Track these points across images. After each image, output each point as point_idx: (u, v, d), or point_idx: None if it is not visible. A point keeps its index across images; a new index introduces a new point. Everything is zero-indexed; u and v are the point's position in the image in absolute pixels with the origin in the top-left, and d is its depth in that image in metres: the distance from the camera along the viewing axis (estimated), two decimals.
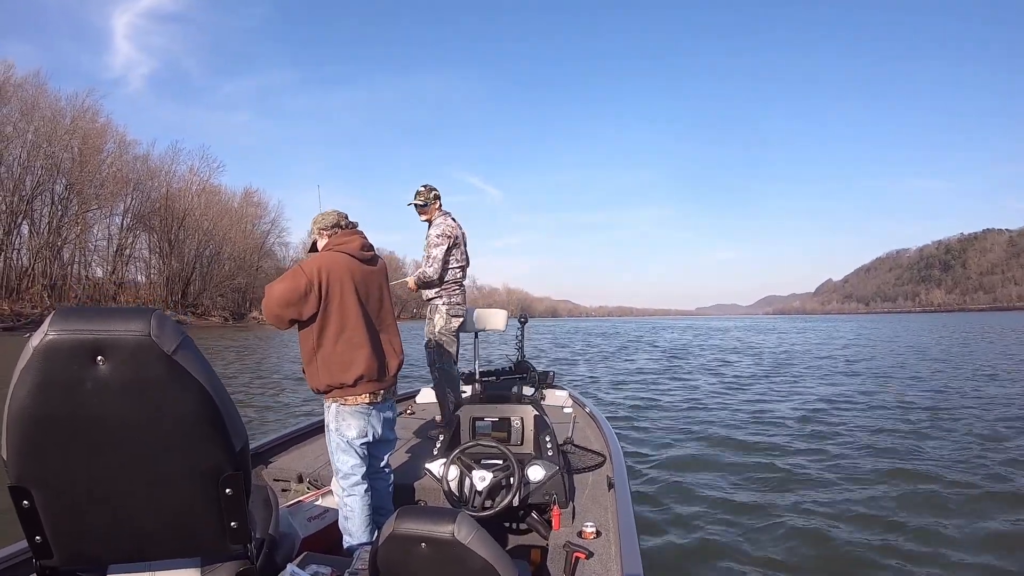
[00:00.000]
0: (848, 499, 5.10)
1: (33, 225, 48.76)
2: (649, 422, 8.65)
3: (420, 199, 4.60)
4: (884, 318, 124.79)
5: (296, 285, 2.68)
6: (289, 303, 2.69)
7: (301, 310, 2.70)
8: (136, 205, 57.01)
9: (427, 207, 4.60)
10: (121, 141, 56.38)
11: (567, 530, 2.86)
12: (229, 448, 1.37)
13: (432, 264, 4.47)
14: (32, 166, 47.66)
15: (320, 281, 2.70)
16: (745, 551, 4.13)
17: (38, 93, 49.12)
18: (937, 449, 6.70)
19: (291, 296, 2.68)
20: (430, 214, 4.61)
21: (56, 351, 1.17)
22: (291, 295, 2.68)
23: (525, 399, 3.58)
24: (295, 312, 2.70)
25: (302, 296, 2.68)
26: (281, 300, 2.68)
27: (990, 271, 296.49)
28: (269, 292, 2.72)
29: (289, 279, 2.71)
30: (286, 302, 2.69)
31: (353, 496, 2.82)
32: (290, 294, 2.68)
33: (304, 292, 2.68)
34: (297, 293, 2.68)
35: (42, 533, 1.33)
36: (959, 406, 9.45)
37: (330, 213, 3.04)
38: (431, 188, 4.60)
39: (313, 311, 2.72)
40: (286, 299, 2.68)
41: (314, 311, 2.72)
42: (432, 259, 4.47)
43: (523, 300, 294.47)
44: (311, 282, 2.69)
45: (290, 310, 2.70)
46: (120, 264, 55.67)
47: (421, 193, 4.60)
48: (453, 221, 4.61)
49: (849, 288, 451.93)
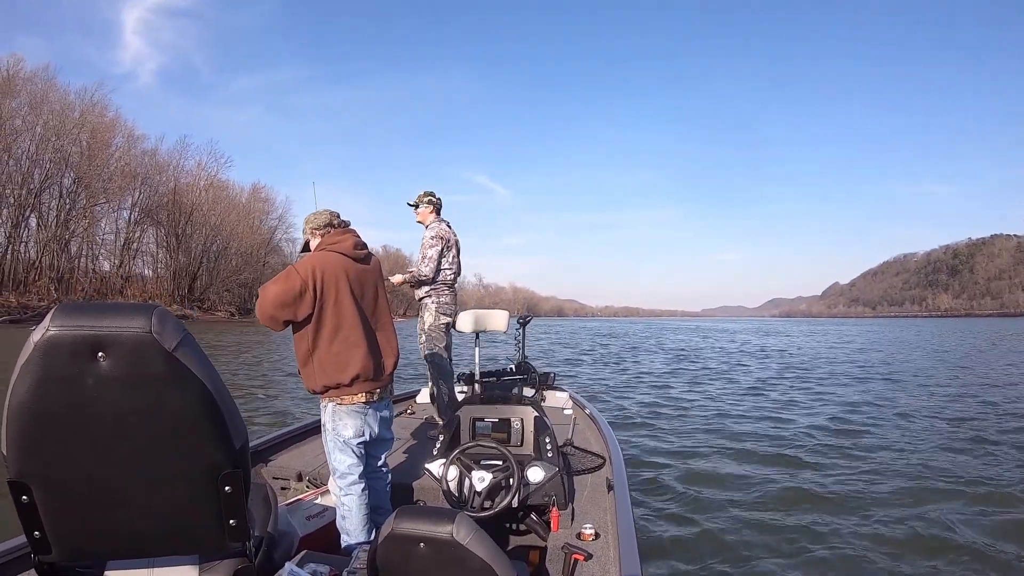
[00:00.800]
0: (847, 505, 5.09)
1: (41, 218, 49.10)
2: (650, 424, 8.65)
3: (414, 200, 4.93)
4: (891, 322, 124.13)
5: (290, 286, 2.67)
6: (284, 304, 2.67)
7: (296, 311, 2.69)
8: (144, 199, 57.38)
9: (419, 208, 4.90)
10: (129, 135, 56.86)
11: (566, 532, 2.86)
12: (229, 446, 1.37)
13: (428, 264, 4.74)
14: (41, 159, 48.02)
15: (314, 281, 2.70)
16: (745, 555, 4.13)
17: (47, 87, 49.57)
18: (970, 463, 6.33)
19: (285, 297, 2.67)
20: (423, 217, 4.90)
21: (57, 347, 1.17)
22: (285, 296, 2.67)
23: (525, 400, 3.58)
24: (290, 313, 2.69)
25: (296, 297, 2.68)
26: (276, 302, 2.67)
27: (998, 276, 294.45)
28: (263, 294, 2.71)
29: (282, 280, 2.70)
30: (281, 303, 2.67)
31: (350, 496, 2.82)
32: (284, 295, 2.67)
33: (299, 293, 2.68)
34: (292, 294, 2.67)
35: (41, 529, 1.33)
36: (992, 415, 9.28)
37: (322, 213, 3.05)
38: (428, 193, 4.91)
39: (308, 312, 2.71)
40: (280, 300, 2.67)
41: (309, 312, 2.71)
42: (428, 259, 4.74)
43: (529, 299, 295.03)
44: (305, 283, 2.69)
45: (285, 311, 2.68)
46: (127, 258, 55.98)
47: (419, 196, 4.91)
48: (447, 228, 4.89)
49: (856, 292, 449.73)
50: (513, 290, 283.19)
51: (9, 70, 46.90)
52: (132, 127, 57.51)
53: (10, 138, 45.50)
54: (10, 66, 47.17)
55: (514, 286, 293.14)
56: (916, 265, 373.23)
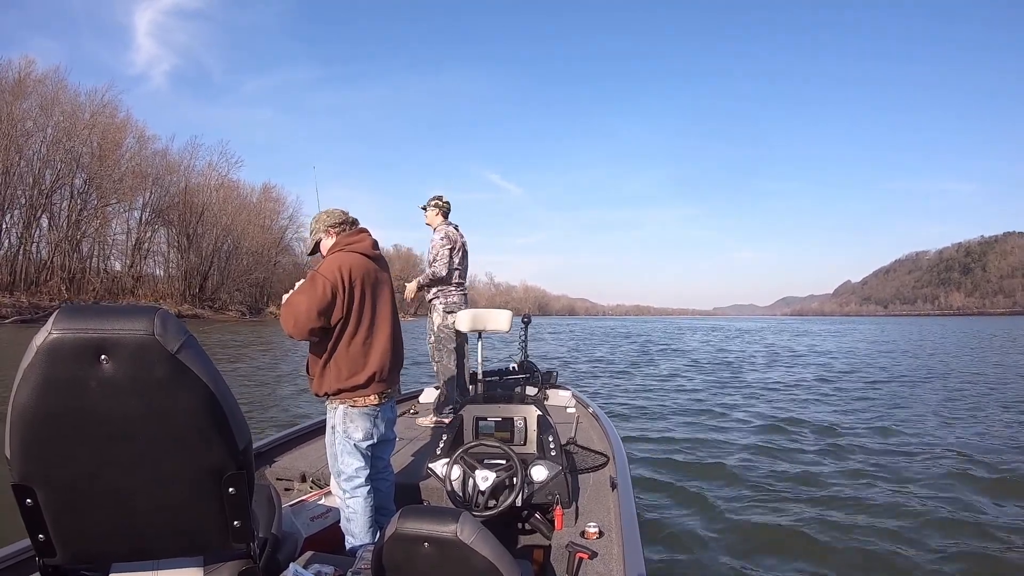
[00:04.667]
0: (850, 497, 5.10)
1: (52, 219, 49.27)
2: (652, 422, 8.66)
3: (424, 204, 5.16)
4: (904, 321, 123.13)
5: (322, 293, 2.59)
6: (320, 314, 2.60)
7: (330, 319, 2.63)
8: (155, 200, 57.43)
9: (426, 210, 5.12)
10: (141, 136, 56.85)
11: (570, 530, 2.86)
12: (232, 447, 1.37)
13: (441, 264, 4.93)
14: (52, 160, 48.16)
15: (344, 284, 2.64)
16: (750, 552, 4.13)
17: (58, 88, 49.65)
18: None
19: (321, 305, 2.59)
20: (431, 220, 5.11)
21: (60, 350, 1.18)
22: (320, 304, 2.59)
23: (528, 399, 3.58)
24: (324, 321, 2.62)
25: (330, 303, 2.61)
26: (311, 312, 2.58)
27: (1010, 274, 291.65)
28: (293, 306, 2.61)
29: (310, 289, 2.61)
30: (317, 313, 2.59)
31: (356, 498, 2.80)
32: (319, 304, 2.59)
33: (331, 300, 2.61)
34: (325, 302, 2.60)
35: (45, 531, 1.34)
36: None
37: (335, 211, 2.97)
38: (437, 197, 5.12)
39: (340, 316, 2.65)
40: (316, 310, 2.58)
41: (340, 316, 2.65)
42: (441, 260, 4.92)
43: (540, 298, 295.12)
44: (335, 287, 2.62)
45: (320, 320, 2.61)
46: (138, 258, 56.14)
47: (429, 200, 5.13)
48: (455, 230, 5.10)
49: (868, 290, 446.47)
50: (524, 288, 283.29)
51: (20, 72, 47.24)
52: (143, 128, 57.68)
53: (21, 139, 45.73)
54: (21, 68, 47.52)
55: (525, 284, 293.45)
56: (929, 263, 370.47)
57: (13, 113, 45.01)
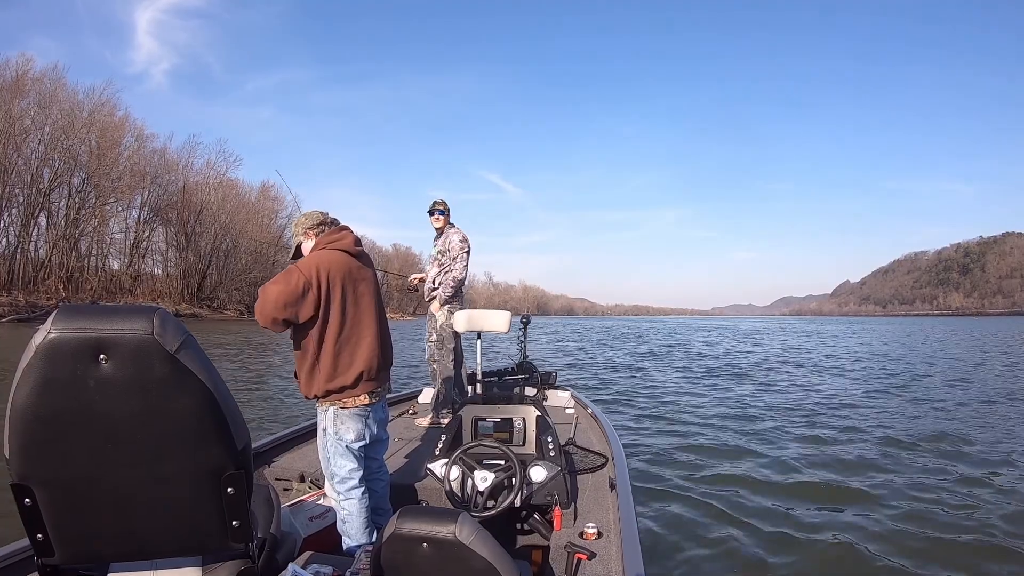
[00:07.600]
0: (858, 503, 5.08)
1: (50, 217, 49.20)
2: (651, 423, 8.65)
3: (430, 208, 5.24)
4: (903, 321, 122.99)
5: (293, 286, 2.56)
6: (286, 305, 2.55)
7: (298, 312, 2.58)
8: (153, 198, 57.34)
9: (434, 215, 5.23)
10: (139, 135, 56.72)
11: (569, 531, 2.87)
12: (231, 447, 1.37)
13: (463, 270, 5.08)
14: (50, 158, 48.09)
15: (318, 281, 2.61)
16: (749, 554, 4.12)
17: (56, 87, 49.56)
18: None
19: (288, 297, 2.54)
20: (441, 222, 5.20)
21: (59, 349, 1.18)
22: (288, 296, 2.54)
23: (527, 400, 3.58)
24: (291, 314, 2.57)
25: (299, 297, 2.56)
26: (278, 302, 2.54)
27: (1009, 275, 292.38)
28: (263, 294, 2.57)
29: (283, 280, 2.58)
30: (283, 304, 2.54)
31: (351, 500, 2.79)
32: (287, 295, 2.54)
33: (301, 292, 2.57)
34: (294, 294, 2.55)
35: (44, 531, 1.34)
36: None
37: (313, 213, 2.93)
38: (442, 202, 5.23)
39: (310, 313, 2.61)
40: (283, 301, 2.54)
41: (311, 313, 2.61)
42: (464, 266, 5.08)
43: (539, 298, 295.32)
44: (308, 281, 2.58)
45: (286, 312, 2.56)
46: (137, 257, 56.07)
47: (433, 204, 5.22)
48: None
49: (866, 290, 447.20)
50: (523, 288, 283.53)
51: (18, 70, 47.16)
52: (141, 126, 57.55)
53: (19, 137, 45.66)
54: (19, 66, 47.43)
55: (524, 284, 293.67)
56: (927, 263, 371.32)
57: (11, 111, 44.96)
